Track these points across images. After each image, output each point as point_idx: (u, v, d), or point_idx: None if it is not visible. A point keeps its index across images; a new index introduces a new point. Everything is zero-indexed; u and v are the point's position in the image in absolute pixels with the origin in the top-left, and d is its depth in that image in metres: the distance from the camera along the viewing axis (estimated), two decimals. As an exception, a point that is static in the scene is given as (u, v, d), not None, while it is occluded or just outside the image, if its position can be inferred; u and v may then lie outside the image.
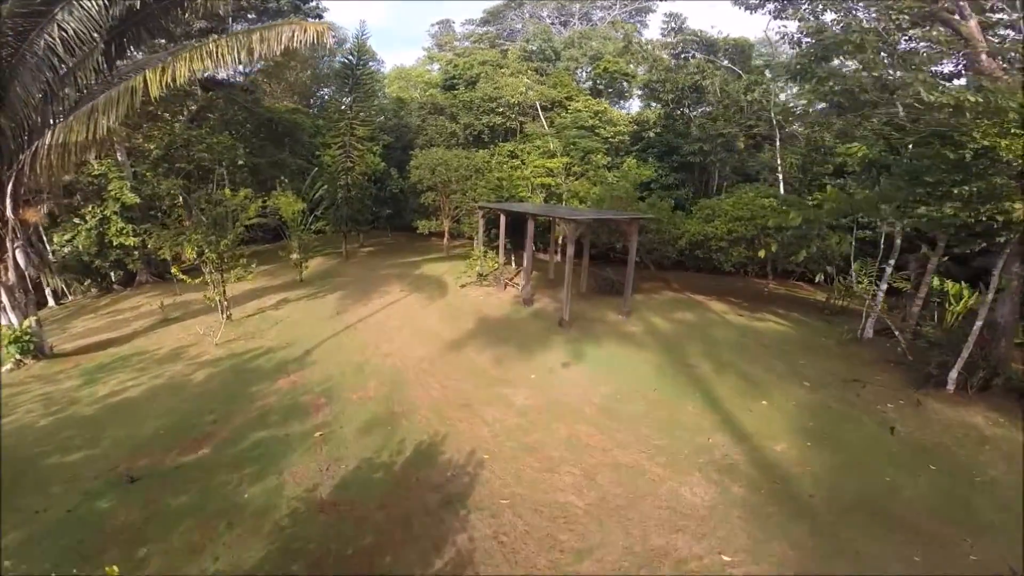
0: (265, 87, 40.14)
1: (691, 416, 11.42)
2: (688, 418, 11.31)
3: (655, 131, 28.40)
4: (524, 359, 14.45)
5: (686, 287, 24.58)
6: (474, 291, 21.23)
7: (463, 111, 35.90)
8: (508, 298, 20.38)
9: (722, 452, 9.79)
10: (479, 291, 21.20)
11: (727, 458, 9.56)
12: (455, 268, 25.92)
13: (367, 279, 23.46)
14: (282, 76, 40.71)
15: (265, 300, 20.52)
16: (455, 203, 27.10)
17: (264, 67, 38.77)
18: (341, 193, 27.14)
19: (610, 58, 37.51)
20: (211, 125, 32.64)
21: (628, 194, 22.62)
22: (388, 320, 17.54)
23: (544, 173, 27.01)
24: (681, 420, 11.22)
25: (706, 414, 11.38)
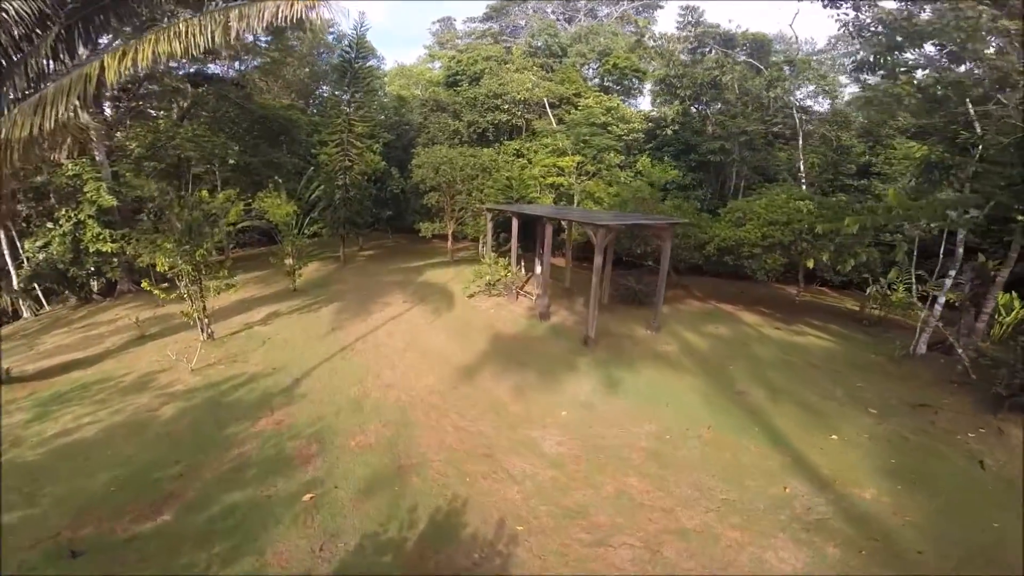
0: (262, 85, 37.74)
1: (756, 458, 9.49)
2: (754, 461, 9.40)
3: (672, 128, 26.07)
4: (549, 389, 12.16)
5: (709, 295, 22.37)
6: (483, 302, 18.90)
7: (467, 108, 33.50)
8: (521, 311, 18.07)
9: (804, 504, 8.27)
10: (489, 302, 18.88)
11: (812, 512, 8.03)
12: (461, 274, 23.58)
13: (366, 288, 21.09)
14: (279, 73, 38.24)
15: (253, 313, 18.13)
16: (460, 204, 24.74)
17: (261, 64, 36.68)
18: (339, 194, 24.75)
19: (620, 54, 35.20)
20: (202, 122, 30.29)
21: (652, 195, 20.32)
22: (389, 339, 15.18)
23: (554, 172, 24.66)
24: (746, 464, 9.30)
25: (773, 455, 9.69)
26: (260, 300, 19.92)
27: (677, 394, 12.16)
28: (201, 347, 14.44)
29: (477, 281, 18.87)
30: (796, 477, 8.84)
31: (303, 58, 43.23)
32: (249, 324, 17.00)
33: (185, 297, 14.50)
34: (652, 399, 11.88)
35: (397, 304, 18.59)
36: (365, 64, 25.57)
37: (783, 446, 9.85)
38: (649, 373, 13.17)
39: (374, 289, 20.77)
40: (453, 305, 18.54)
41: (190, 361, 13.42)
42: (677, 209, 20.02)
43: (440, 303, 18.70)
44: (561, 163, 24.00)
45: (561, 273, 22.34)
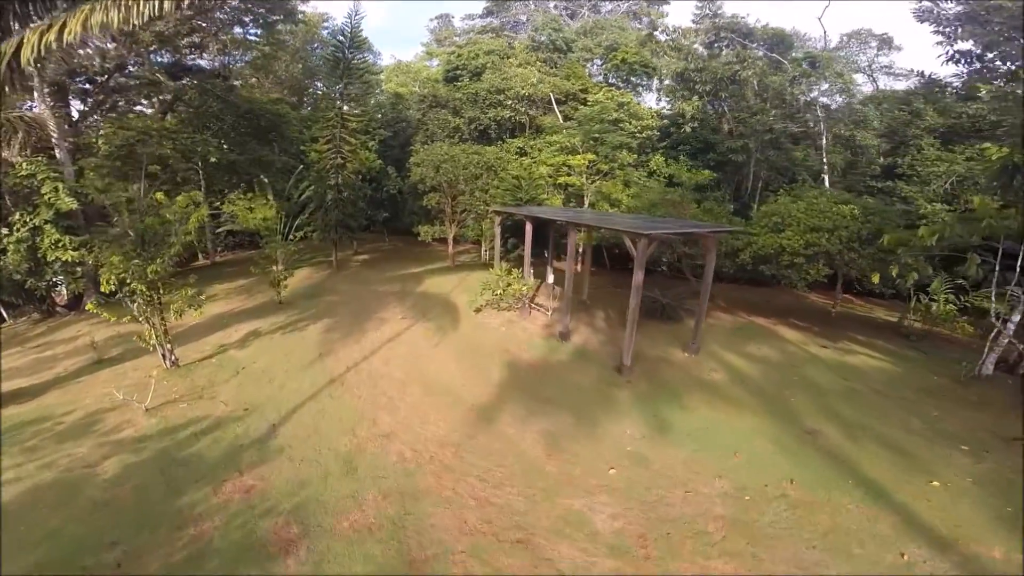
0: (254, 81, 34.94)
1: (858, 519, 7.66)
2: (856, 522, 7.59)
3: (691, 125, 23.71)
4: (588, 436, 9.72)
5: (734, 304, 20.08)
6: (492, 318, 16.41)
7: (467, 104, 30.98)
8: (537, 328, 15.61)
9: (929, 573, 6.75)
10: (498, 318, 16.39)
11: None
12: (464, 283, 21.07)
13: (360, 300, 18.50)
14: (270, 68, 35.42)
15: (230, 332, 15.52)
16: (463, 206, 22.20)
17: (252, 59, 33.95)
18: (330, 194, 22.12)
19: (628, 49, 32.86)
20: (182, 118, 27.49)
21: (684, 197, 17.93)
22: (387, 367, 12.63)
23: (564, 172, 22.20)
24: (848, 527, 7.49)
25: (875, 512, 7.93)
26: (241, 315, 17.28)
27: (742, 438, 9.80)
28: (162, 378, 11.84)
29: (484, 293, 16.34)
30: (910, 539, 7.31)
31: (295, 53, 40.40)
32: (224, 346, 14.37)
33: (139, 320, 11.83)
34: (715, 445, 9.50)
35: (395, 321, 16.02)
36: (359, 55, 22.91)
37: (883, 500, 8.14)
38: (703, 410, 10.78)
39: (369, 301, 18.18)
40: (458, 322, 16.01)
41: (146, 398, 10.78)
42: (708, 213, 17.66)
43: (444, 319, 16.16)
44: (572, 162, 21.54)
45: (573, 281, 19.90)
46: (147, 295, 11.25)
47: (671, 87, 28.70)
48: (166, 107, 26.52)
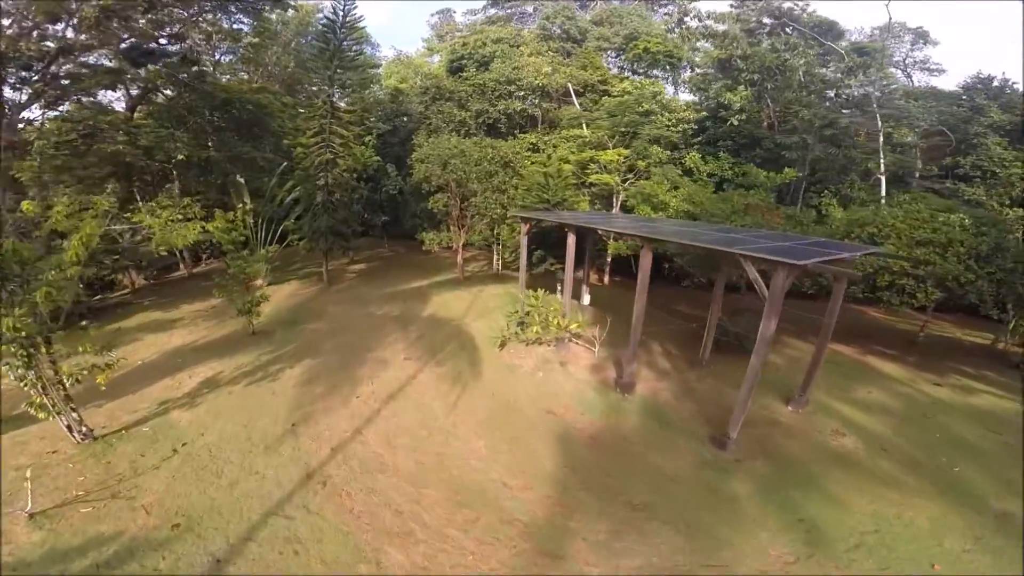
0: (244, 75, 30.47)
1: None
2: None
3: (738, 118, 19.69)
4: (717, 571, 5.73)
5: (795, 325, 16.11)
6: (522, 356, 12.31)
7: (474, 96, 26.78)
8: (583, 373, 11.57)
9: None
10: (529, 356, 12.30)
11: None
12: (478, 301, 16.96)
13: (353, 328, 14.32)
14: (260, 60, 30.89)
15: (181, 378, 11.34)
16: (476, 209, 18.01)
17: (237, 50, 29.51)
18: (319, 196, 17.84)
19: (651, 37, 28.82)
20: (151, 111, 23.07)
21: (766, 201, 13.95)
22: (391, 452, 8.50)
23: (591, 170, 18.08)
24: None
25: None
26: (201, 350, 13.07)
27: (929, 540, 6.22)
28: (67, 459, 7.71)
29: (511, 323, 12.23)
30: None
31: (287, 45, 35.81)
32: (166, 403, 10.18)
33: (22, 384, 7.64)
34: (901, 558, 5.89)
35: (396, 363, 11.86)
36: (352, 38, 18.57)
37: None
38: (858, 501, 7.04)
39: (363, 330, 14.00)
40: (479, 363, 11.88)
41: (39, 492, 6.62)
42: (791, 220, 13.67)
43: (459, 359, 12.04)
44: (604, 157, 17.41)
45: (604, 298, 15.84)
46: (22, 353, 7.02)
47: (704, 77, 24.68)
48: (136, 100, 22.09)
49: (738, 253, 7.77)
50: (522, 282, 13.94)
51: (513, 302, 17.02)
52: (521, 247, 13.51)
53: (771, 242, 8.82)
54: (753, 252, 7.53)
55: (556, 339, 12.01)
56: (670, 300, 18.09)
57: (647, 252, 9.37)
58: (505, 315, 14.20)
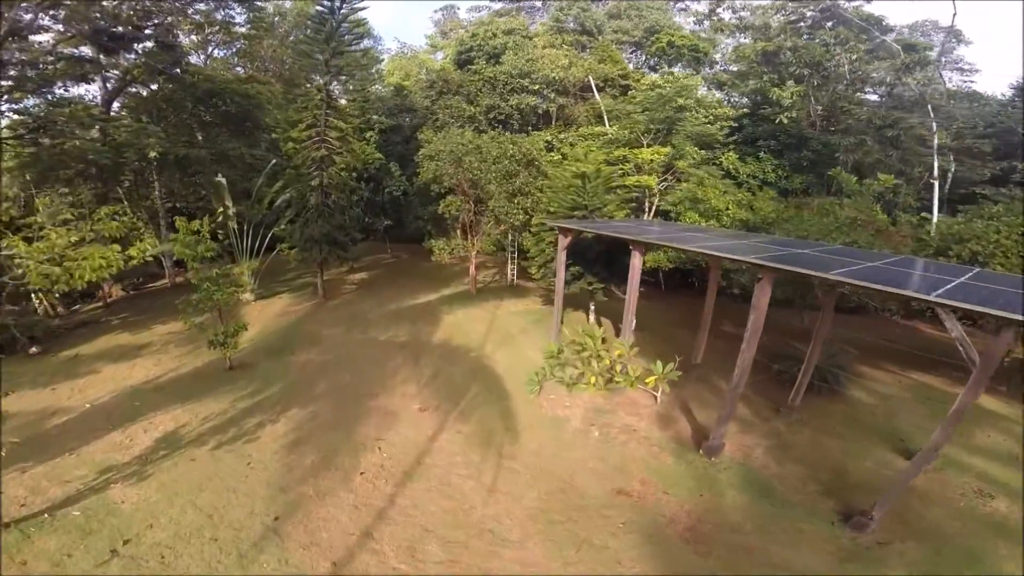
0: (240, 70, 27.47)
1: None
2: None
3: (788, 116, 16.93)
4: None
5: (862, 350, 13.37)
6: (565, 404, 9.53)
7: (484, 90, 23.92)
8: (648, 426, 8.81)
9: None
10: (575, 404, 9.52)
11: None
12: (497, 321, 14.18)
13: (352, 361, 11.48)
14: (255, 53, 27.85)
15: (134, 432, 8.63)
16: (495, 215, 15.16)
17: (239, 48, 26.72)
18: (313, 198, 14.93)
19: (675, 31, 26.09)
20: (124, 104, 20.13)
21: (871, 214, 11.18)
22: (415, 564, 5.69)
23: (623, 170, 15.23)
24: None
25: None
26: (165, 390, 10.25)
27: None
28: None
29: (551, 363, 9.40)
30: None
31: (284, 37, 32.73)
32: (109, 472, 7.43)
33: None
34: None
35: (408, 415, 9.05)
36: (353, 16, 15.64)
37: None
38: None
39: (364, 365, 11.17)
40: (513, 415, 9.08)
41: None
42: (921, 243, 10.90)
43: (489, 411, 9.23)
44: (642, 155, 14.59)
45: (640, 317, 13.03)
46: None
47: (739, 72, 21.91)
48: (112, 93, 19.11)
49: (941, 303, 5.08)
50: (558, 308, 11.09)
51: (536, 322, 14.25)
52: (558, 264, 10.67)
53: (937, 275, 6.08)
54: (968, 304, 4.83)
55: (604, 380, 9.21)
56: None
57: (766, 284, 6.58)
58: (537, 346, 11.44)
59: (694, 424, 9.02)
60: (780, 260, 6.74)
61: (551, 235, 12.48)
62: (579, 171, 12.15)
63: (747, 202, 13.34)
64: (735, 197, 13.76)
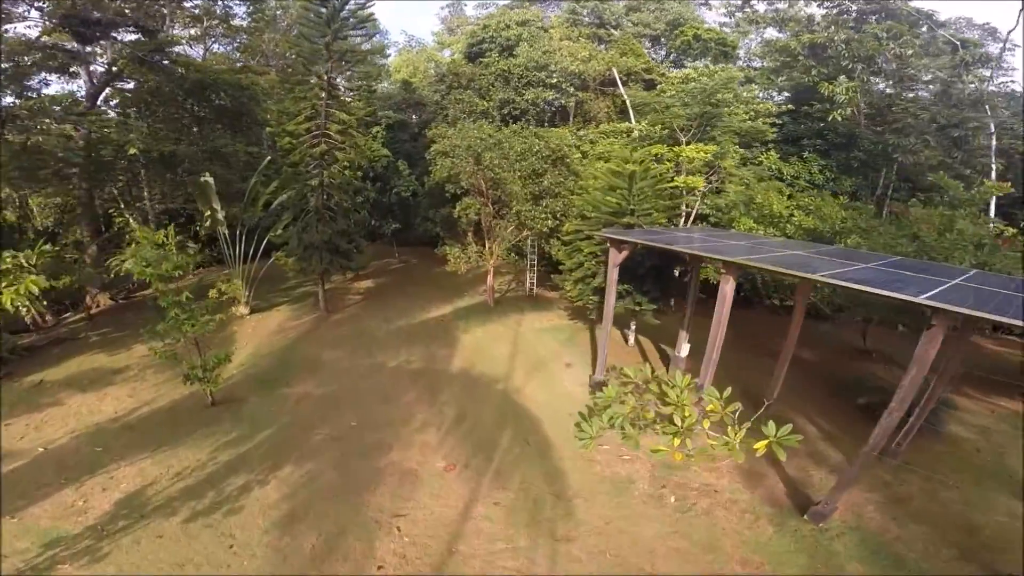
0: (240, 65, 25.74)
1: None
2: None
3: (842, 113, 15.10)
4: None
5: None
6: (624, 458, 7.64)
7: (498, 84, 22.11)
8: (732, 486, 6.95)
9: None
10: (638, 458, 7.60)
11: None
12: (522, 341, 12.36)
13: (358, 399, 9.63)
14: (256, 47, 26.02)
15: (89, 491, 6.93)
16: (519, 219, 13.27)
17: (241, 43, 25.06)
18: (312, 200, 13.06)
19: (700, 24, 24.31)
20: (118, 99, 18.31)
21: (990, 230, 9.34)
22: None
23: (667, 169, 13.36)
24: None
25: None
26: (136, 431, 8.46)
27: None
28: None
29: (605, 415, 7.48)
30: None
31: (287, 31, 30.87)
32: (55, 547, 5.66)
33: None
34: None
35: (432, 477, 7.19)
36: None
37: None
38: None
39: (373, 403, 9.31)
40: (562, 474, 7.24)
41: None
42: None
43: (531, 470, 7.39)
44: (684, 153, 12.71)
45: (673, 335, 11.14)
46: None
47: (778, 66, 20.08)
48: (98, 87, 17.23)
49: None
50: (604, 337, 9.17)
51: (566, 342, 12.40)
52: (608, 283, 8.76)
53: None
54: None
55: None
56: (752, 329, 13.51)
57: (938, 329, 4.73)
58: (575, 376, 9.60)
59: (785, 478, 7.23)
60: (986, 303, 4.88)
61: (590, 245, 10.64)
62: (623, 169, 10.29)
63: (815, 207, 11.50)
64: (799, 201, 11.91)
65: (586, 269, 10.58)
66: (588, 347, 12.35)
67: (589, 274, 10.51)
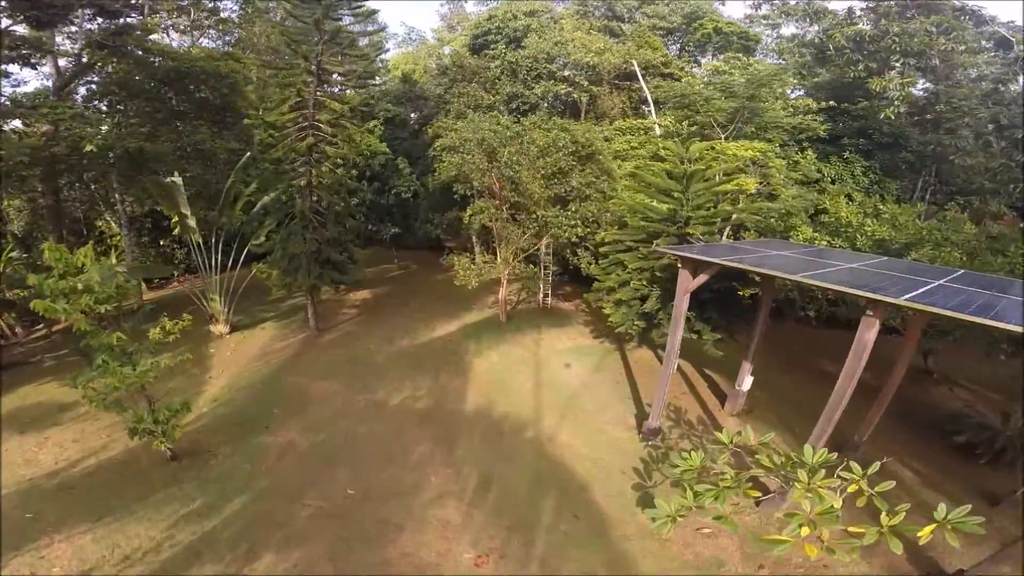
0: None
1: None
2: None
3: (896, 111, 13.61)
4: None
5: None
6: (707, 532, 5.90)
7: (505, 78, 20.46)
8: (858, 565, 5.25)
9: None
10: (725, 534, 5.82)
11: None
12: (548, 374, 10.63)
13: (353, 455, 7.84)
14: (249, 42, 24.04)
15: None
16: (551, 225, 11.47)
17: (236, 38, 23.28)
18: (299, 203, 11.23)
19: (719, 17, 22.83)
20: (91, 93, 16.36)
21: None
22: None
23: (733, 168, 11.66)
24: None
25: None
26: (77, 490, 6.76)
27: None
28: None
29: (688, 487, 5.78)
30: None
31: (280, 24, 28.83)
32: None
33: None
34: None
35: (457, 567, 5.41)
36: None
37: None
38: None
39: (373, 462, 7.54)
40: (632, 566, 5.47)
41: None
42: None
43: (588, 557, 5.63)
44: (735, 150, 11.04)
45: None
46: None
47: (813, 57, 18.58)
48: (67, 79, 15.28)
49: None
50: (665, 380, 7.43)
51: (597, 369, 10.68)
52: (676, 314, 6.95)
53: None
54: None
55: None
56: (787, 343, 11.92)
57: None
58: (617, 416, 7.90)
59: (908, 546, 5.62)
60: None
61: (634, 258, 8.92)
62: (679, 169, 8.59)
63: (890, 215, 9.87)
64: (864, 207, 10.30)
65: (633, 290, 8.83)
66: (622, 374, 10.66)
67: (636, 296, 8.76)
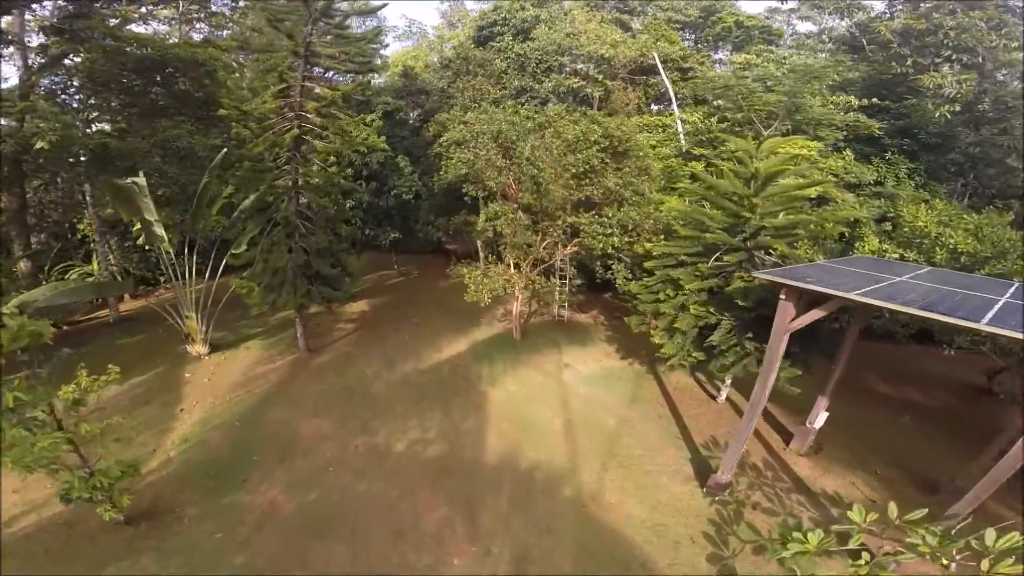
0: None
1: None
2: None
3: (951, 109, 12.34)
4: None
5: None
6: None
7: (512, 70, 19.06)
8: None
9: None
10: None
11: None
12: (577, 406, 9.16)
13: (350, 527, 6.36)
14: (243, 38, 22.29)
15: None
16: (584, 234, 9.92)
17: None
18: (284, 206, 9.67)
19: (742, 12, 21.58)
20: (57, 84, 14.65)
21: None
22: None
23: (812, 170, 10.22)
24: None
25: None
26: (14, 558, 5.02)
27: None
28: None
29: None
30: None
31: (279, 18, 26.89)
32: None
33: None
34: None
35: None
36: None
37: None
38: None
39: (376, 529, 6.05)
40: None
41: None
42: None
43: None
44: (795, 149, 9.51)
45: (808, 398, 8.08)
46: None
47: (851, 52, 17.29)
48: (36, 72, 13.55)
49: None
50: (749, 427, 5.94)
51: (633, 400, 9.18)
52: (771, 356, 5.35)
53: None
54: None
55: None
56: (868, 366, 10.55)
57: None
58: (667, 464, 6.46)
59: None
60: None
61: (692, 278, 7.32)
62: (747, 169, 7.10)
63: (975, 225, 8.46)
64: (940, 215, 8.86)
65: (693, 317, 7.23)
66: (663, 406, 9.21)
67: (700, 324, 7.15)
